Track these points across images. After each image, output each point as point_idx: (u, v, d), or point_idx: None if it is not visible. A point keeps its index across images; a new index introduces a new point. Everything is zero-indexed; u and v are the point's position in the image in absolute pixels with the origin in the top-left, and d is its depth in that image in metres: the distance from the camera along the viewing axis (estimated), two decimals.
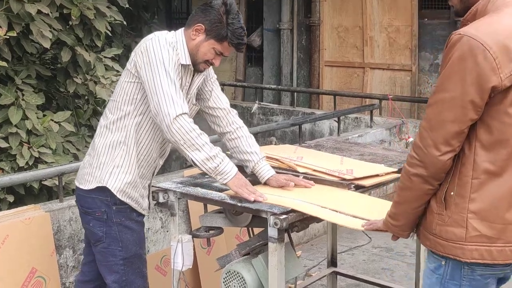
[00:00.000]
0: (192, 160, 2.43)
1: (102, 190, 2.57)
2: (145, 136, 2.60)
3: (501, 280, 2.00)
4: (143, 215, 2.72)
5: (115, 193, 2.57)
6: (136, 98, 2.56)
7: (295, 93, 8.29)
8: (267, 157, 2.98)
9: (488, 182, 1.84)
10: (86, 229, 2.71)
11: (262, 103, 8.27)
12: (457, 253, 1.87)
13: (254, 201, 2.42)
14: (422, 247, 3.41)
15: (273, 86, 8.61)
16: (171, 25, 11.48)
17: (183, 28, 2.63)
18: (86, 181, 2.62)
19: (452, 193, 1.88)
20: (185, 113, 2.41)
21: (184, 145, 2.40)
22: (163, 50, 2.47)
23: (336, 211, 2.40)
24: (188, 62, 2.57)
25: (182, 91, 2.54)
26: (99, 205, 2.59)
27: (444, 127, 1.81)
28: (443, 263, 1.92)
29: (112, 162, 2.58)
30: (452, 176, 1.89)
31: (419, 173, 1.86)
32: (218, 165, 2.44)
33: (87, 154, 2.70)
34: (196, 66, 2.61)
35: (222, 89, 2.97)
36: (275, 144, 6.43)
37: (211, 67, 2.73)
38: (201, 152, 2.41)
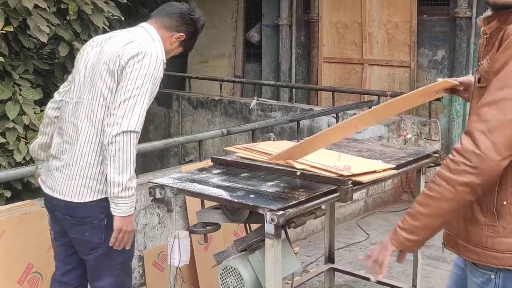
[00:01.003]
0: (108, 175, 2.38)
1: (103, 199, 2.50)
2: None
3: None
4: None
5: None
6: None
7: (294, 89, 8.28)
8: (264, 153, 2.98)
9: None
10: (77, 239, 2.59)
11: (260, 99, 8.25)
12: None
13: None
14: None
15: (271, 82, 8.59)
16: None
17: (147, 23, 2.65)
18: (80, 194, 2.50)
19: (505, 202, 1.78)
20: (137, 133, 2.39)
21: (113, 158, 2.35)
22: (159, 70, 2.49)
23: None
24: (165, 60, 2.65)
25: None
26: (97, 212, 2.51)
27: (509, 127, 1.64)
28: (492, 276, 1.81)
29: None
30: (502, 184, 1.78)
31: (469, 181, 1.66)
32: (122, 197, 2.38)
33: (71, 164, 2.52)
34: None
35: (221, 85, 3.07)
36: (273, 140, 6.43)
37: None
38: (120, 176, 2.37)
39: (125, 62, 2.44)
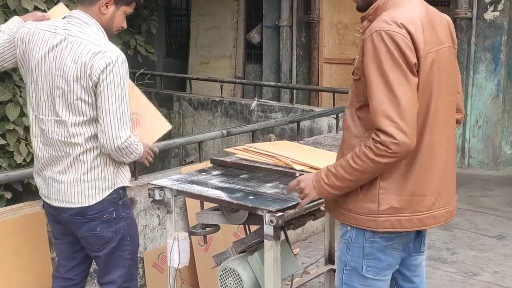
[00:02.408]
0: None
1: (111, 192, 2.58)
2: None
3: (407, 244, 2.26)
4: None
5: (128, 184, 2.65)
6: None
7: (294, 90, 8.27)
8: (264, 154, 2.98)
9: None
10: (88, 237, 2.60)
11: (261, 100, 8.24)
12: (371, 225, 2.10)
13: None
14: None
15: (272, 83, 8.58)
16: (170, 22, 11.45)
17: (77, 11, 2.54)
18: (89, 196, 2.53)
19: None
20: (132, 133, 2.51)
21: (129, 159, 2.55)
22: (126, 68, 2.48)
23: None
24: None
25: None
26: (107, 206, 2.55)
27: (410, 113, 1.96)
28: (349, 228, 2.18)
29: (116, 165, 2.57)
30: None
31: (390, 161, 1.99)
32: (138, 155, 2.59)
33: (70, 172, 2.52)
34: (110, 36, 2.59)
35: (222, 86, 3.08)
36: (274, 141, 6.43)
37: None
38: (136, 156, 2.57)
39: (97, 78, 2.40)
